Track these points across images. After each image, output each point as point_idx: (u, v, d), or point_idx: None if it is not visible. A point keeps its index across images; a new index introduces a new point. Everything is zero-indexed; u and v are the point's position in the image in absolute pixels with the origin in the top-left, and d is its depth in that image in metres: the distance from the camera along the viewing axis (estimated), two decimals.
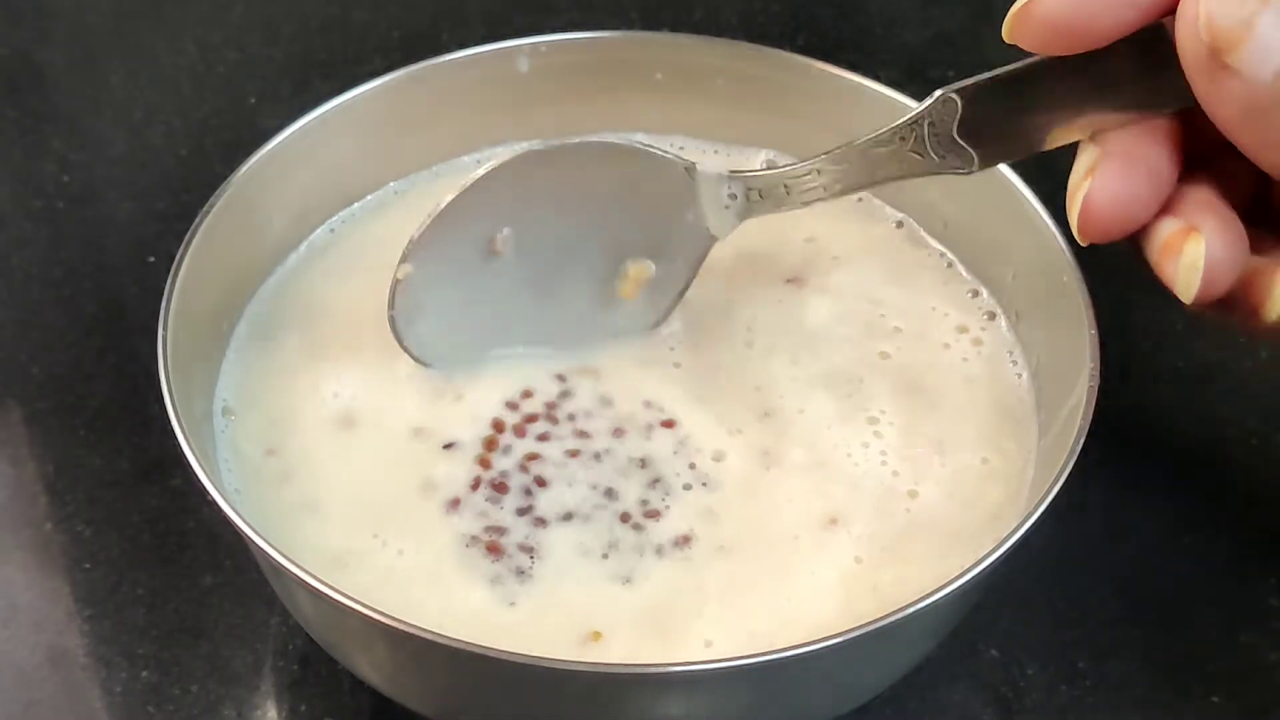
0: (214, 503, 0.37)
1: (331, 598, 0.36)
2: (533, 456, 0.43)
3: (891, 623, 0.35)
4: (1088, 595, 0.47)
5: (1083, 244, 0.39)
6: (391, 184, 0.50)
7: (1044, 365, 0.45)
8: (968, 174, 0.41)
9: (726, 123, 0.51)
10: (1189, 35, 0.35)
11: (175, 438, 0.38)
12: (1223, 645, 0.46)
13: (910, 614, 0.36)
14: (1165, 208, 0.38)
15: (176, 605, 0.47)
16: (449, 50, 0.50)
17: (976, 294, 0.48)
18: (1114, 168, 0.38)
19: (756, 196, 0.44)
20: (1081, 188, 0.38)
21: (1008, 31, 0.38)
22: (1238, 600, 0.47)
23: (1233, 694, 0.45)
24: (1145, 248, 0.38)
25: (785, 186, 0.43)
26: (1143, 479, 0.50)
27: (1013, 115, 0.40)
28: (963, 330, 0.47)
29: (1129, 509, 0.49)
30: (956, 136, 0.40)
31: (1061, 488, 0.38)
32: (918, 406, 0.45)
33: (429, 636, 0.35)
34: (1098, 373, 0.40)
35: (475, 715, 0.41)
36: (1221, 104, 0.35)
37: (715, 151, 0.52)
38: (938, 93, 0.40)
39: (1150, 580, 0.48)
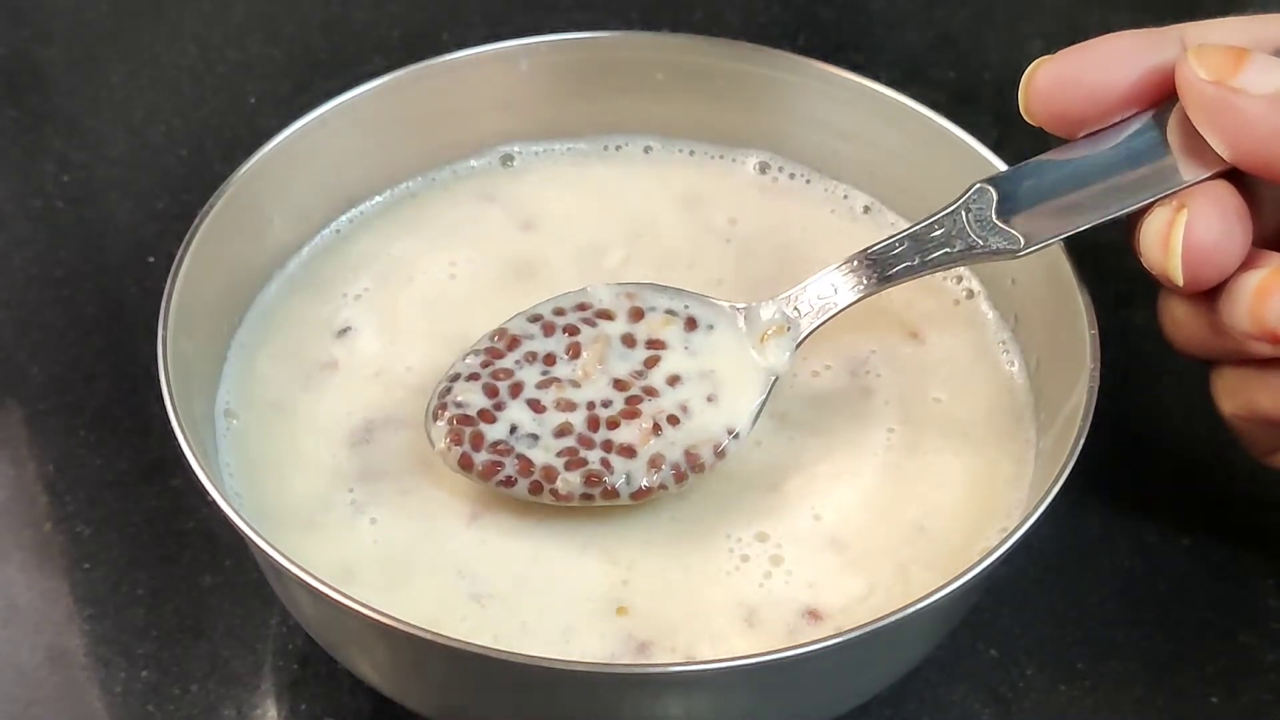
0: (214, 503, 0.37)
1: (332, 598, 0.36)
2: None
3: (891, 623, 0.36)
4: (1088, 595, 0.47)
5: (1187, 291, 0.39)
6: (392, 185, 0.50)
7: (1044, 365, 0.45)
8: (1015, 256, 0.41)
9: (726, 123, 0.51)
10: (1190, 78, 0.38)
11: (175, 438, 0.38)
12: (1221, 646, 0.46)
13: (910, 614, 0.36)
14: (1243, 264, 0.39)
15: (176, 605, 0.47)
16: (449, 50, 0.50)
17: (973, 295, 0.48)
18: (1204, 207, 0.39)
19: (807, 309, 0.43)
20: (1176, 229, 0.38)
21: (1023, 101, 0.41)
22: (1236, 601, 0.47)
23: (1231, 694, 0.45)
24: (1230, 300, 0.39)
25: (833, 286, 0.43)
26: (1142, 479, 0.50)
27: (1050, 197, 0.41)
28: (962, 331, 0.47)
29: (1129, 509, 0.49)
30: (996, 220, 0.41)
31: (1061, 488, 0.38)
32: (918, 403, 0.45)
33: (429, 637, 0.35)
34: (1098, 373, 0.40)
35: (475, 715, 0.41)
36: (1241, 123, 0.37)
37: (719, 157, 0.52)
38: (974, 184, 0.41)
39: (1150, 580, 0.48)
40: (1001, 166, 0.45)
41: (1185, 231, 0.38)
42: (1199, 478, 0.50)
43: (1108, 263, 0.42)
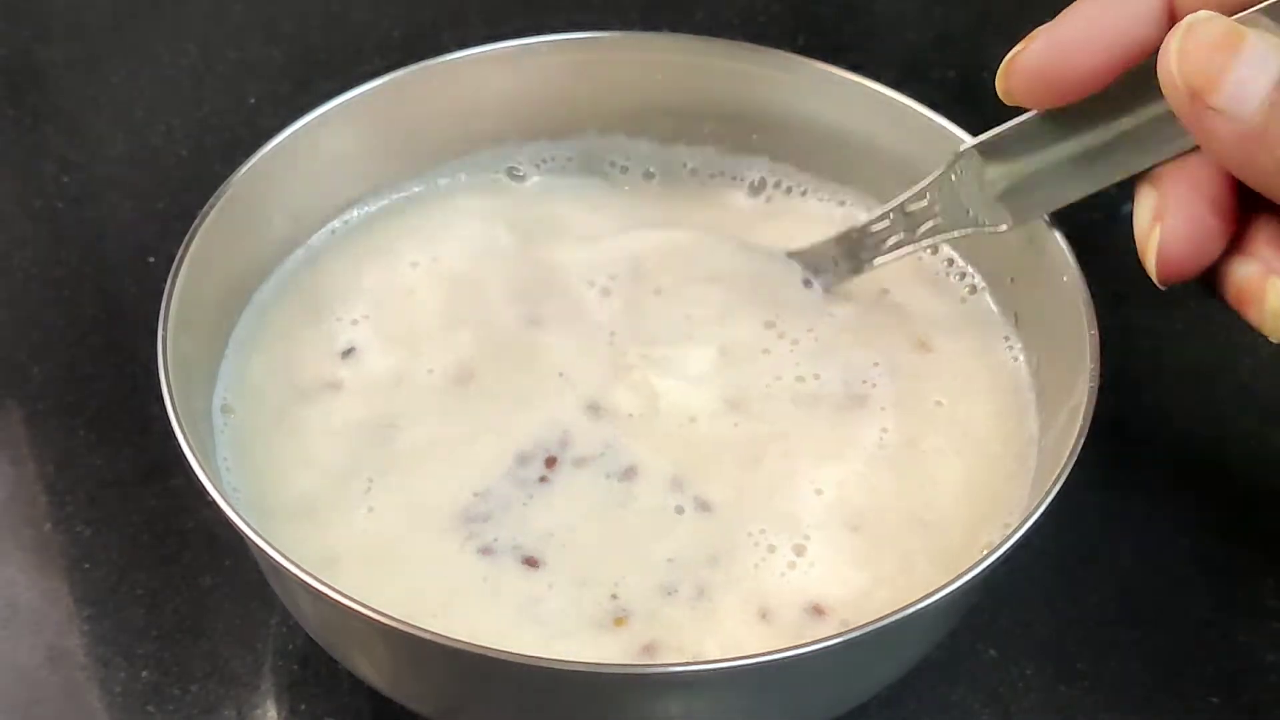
0: (214, 503, 0.37)
1: (331, 598, 0.36)
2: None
3: (891, 623, 0.35)
4: (1087, 595, 0.47)
5: (1162, 288, 0.39)
6: (391, 183, 0.50)
7: (1044, 364, 0.45)
8: (1006, 230, 0.41)
9: (727, 123, 0.51)
10: (1170, 82, 0.36)
11: (175, 438, 0.38)
12: (1221, 646, 0.46)
13: (910, 614, 0.36)
14: (1236, 243, 0.38)
15: (176, 605, 0.47)
16: (449, 50, 0.50)
17: (975, 291, 0.48)
18: (1179, 208, 0.38)
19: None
20: (1152, 236, 0.38)
21: (1002, 92, 0.40)
22: (1236, 601, 0.47)
23: (1231, 694, 0.45)
24: (1220, 287, 0.38)
25: (834, 259, 0.46)
26: (1143, 479, 0.50)
27: (1036, 167, 0.41)
28: (966, 327, 0.47)
29: (1129, 509, 0.49)
30: (982, 193, 0.41)
31: (1061, 488, 0.38)
32: (917, 406, 0.45)
33: (429, 636, 0.35)
34: (1098, 373, 0.40)
35: (475, 715, 0.41)
36: (1213, 140, 0.36)
37: (719, 174, 0.52)
38: (960, 150, 0.42)
39: (1150, 580, 0.48)
40: None
41: (1159, 247, 0.38)
42: (1199, 478, 0.50)
43: (1108, 262, 0.42)
